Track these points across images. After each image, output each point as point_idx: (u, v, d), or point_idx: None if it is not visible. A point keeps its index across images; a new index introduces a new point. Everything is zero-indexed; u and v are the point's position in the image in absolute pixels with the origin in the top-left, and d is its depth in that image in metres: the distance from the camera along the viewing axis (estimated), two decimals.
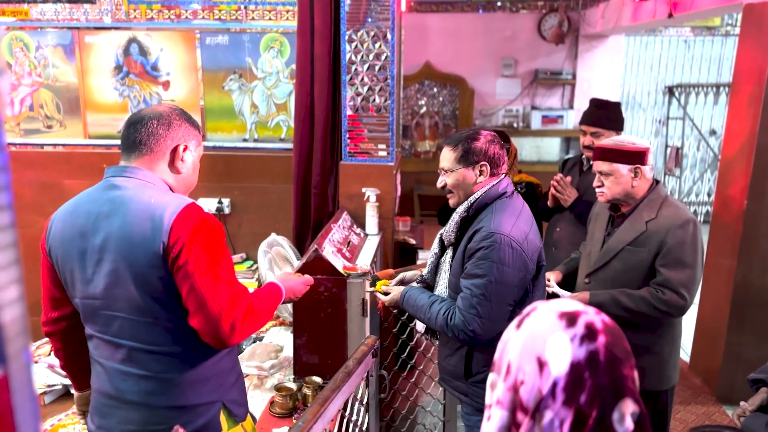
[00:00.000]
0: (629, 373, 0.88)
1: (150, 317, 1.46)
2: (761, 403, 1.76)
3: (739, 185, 3.44)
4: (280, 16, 3.35)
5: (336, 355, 2.41)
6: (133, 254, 1.42)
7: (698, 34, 7.16)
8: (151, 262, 1.41)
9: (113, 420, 1.51)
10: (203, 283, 1.41)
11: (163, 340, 1.47)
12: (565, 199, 2.79)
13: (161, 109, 1.55)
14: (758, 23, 3.30)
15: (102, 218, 1.45)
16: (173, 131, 1.54)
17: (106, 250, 1.44)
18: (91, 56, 3.51)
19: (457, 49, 7.16)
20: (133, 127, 1.53)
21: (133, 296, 1.44)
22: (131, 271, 1.42)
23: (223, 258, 1.48)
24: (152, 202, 1.44)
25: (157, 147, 1.52)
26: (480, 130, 1.95)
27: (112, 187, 1.49)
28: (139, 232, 1.41)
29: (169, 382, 1.49)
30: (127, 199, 1.45)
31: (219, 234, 1.49)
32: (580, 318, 0.90)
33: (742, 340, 3.52)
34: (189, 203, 1.46)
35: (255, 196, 3.55)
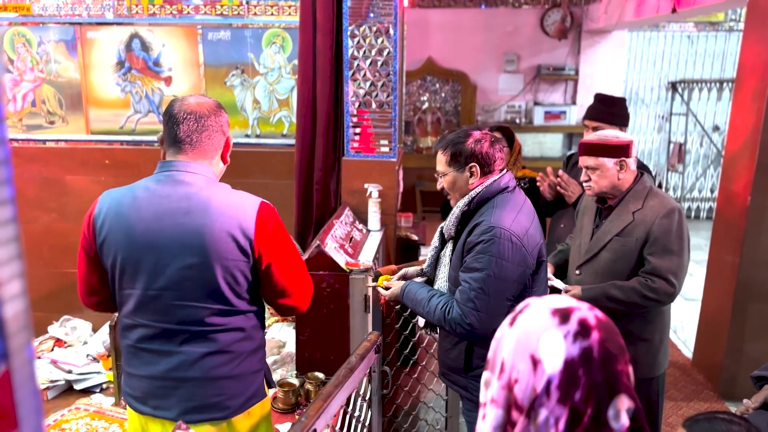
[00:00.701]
0: (624, 368, 0.88)
1: (225, 305, 1.56)
2: (764, 400, 1.76)
3: (742, 181, 3.43)
4: (282, 12, 3.34)
5: (338, 351, 2.41)
6: (221, 248, 1.50)
7: (701, 29, 7.13)
8: (236, 255, 1.52)
9: (173, 399, 1.59)
10: (289, 273, 1.62)
11: (228, 322, 1.59)
12: (570, 195, 2.80)
13: (208, 103, 1.60)
14: (763, 18, 3.29)
15: (181, 215, 1.51)
16: (222, 125, 1.61)
17: (187, 245, 1.50)
18: (93, 52, 3.50)
19: (459, 45, 7.14)
20: (186, 121, 1.56)
21: (212, 286, 1.53)
22: (219, 264, 1.51)
23: (293, 246, 1.67)
24: (231, 201, 1.54)
25: (210, 142, 1.58)
26: (470, 131, 1.94)
27: (181, 183, 1.54)
28: (226, 229, 1.50)
29: (231, 354, 1.60)
30: (204, 197, 1.52)
31: (283, 226, 1.65)
32: (573, 314, 0.89)
33: (745, 337, 3.51)
34: (262, 201, 1.59)
35: (257, 192, 3.49)
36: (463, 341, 1.95)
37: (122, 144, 3.61)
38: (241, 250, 1.52)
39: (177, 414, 1.58)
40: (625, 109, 2.82)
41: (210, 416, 1.59)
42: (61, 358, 3.24)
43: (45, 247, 3.72)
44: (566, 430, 0.84)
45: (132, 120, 3.59)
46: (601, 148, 2.21)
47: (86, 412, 2.75)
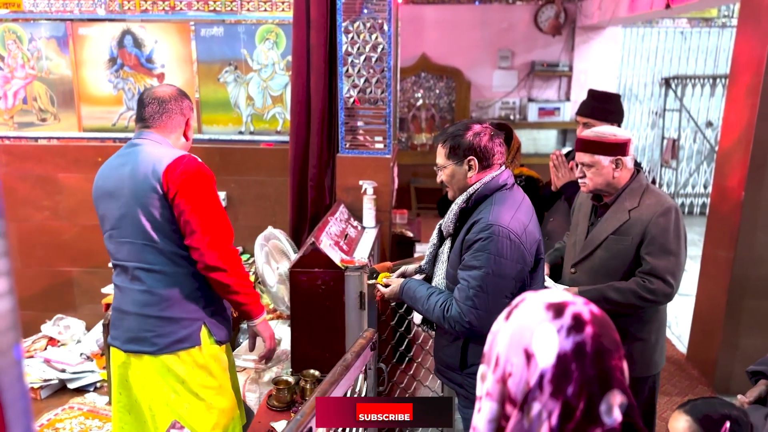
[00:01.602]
0: (617, 363, 0.88)
1: (149, 241, 1.87)
2: (759, 395, 1.76)
3: (736, 176, 3.44)
4: (275, 8, 3.32)
5: (334, 348, 2.40)
6: (139, 191, 1.85)
7: (695, 25, 7.15)
8: (152, 197, 1.84)
9: (120, 330, 1.95)
10: (197, 215, 1.85)
11: (158, 261, 1.89)
12: (559, 177, 2.79)
13: (171, 90, 1.99)
14: (756, 13, 3.29)
15: (120, 166, 1.92)
16: (183, 108, 2.00)
17: (121, 189, 1.88)
18: (84, 48, 3.48)
19: (453, 41, 7.12)
20: (155, 104, 1.95)
21: (137, 224, 1.86)
22: (138, 203, 1.85)
23: (215, 196, 1.92)
24: (155, 153, 1.88)
25: (169, 120, 1.97)
26: (470, 124, 1.93)
27: (131, 145, 1.95)
28: (143, 174, 1.84)
29: (159, 296, 1.89)
30: (138, 154, 1.89)
31: (209, 179, 1.91)
32: (568, 309, 0.89)
33: (739, 332, 3.52)
34: (185, 154, 1.90)
35: (251, 189, 3.53)
36: (460, 338, 1.95)
37: (115, 141, 3.58)
38: (155, 191, 1.83)
39: (121, 342, 1.94)
40: (619, 106, 2.80)
41: (141, 348, 1.91)
42: (54, 357, 3.22)
43: (38, 246, 3.69)
44: (558, 424, 0.84)
45: (125, 117, 3.57)
46: (597, 146, 2.19)
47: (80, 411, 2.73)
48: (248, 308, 2.03)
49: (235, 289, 1.95)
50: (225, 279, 1.91)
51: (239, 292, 1.97)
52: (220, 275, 1.90)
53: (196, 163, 1.89)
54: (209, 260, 1.87)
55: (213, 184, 1.93)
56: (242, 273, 1.97)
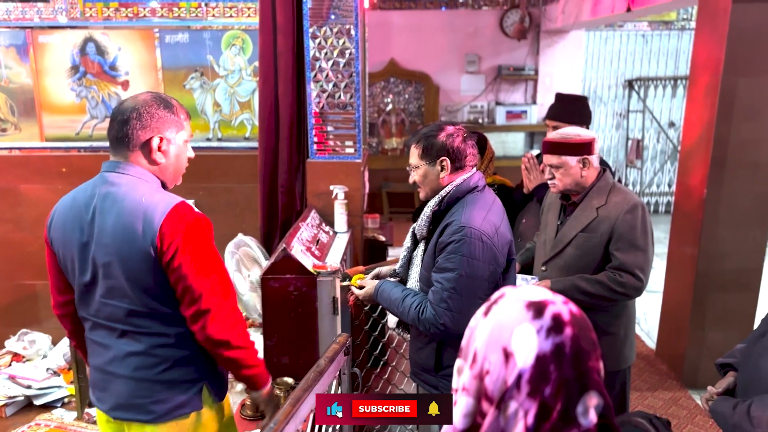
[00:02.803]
0: (595, 365, 0.88)
1: (139, 306, 1.57)
2: (728, 386, 1.80)
3: (698, 175, 3.53)
4: (241, 13, 3.30)
5: (307, 354, 2.38)
6: (125, 252, 1.53)
7: (655, 28, 7.32)
8: (142, 259, 1.52)
9: (107, 393, 1.65)
10: (197, 282, 1.54)
11: (153, 324, 1.60)
12: (530, 180, 2.83)
13: (137, 101, 1.60)
14: (713, 16, 3.39)
15: (98, 213, 1.56)
16: (146, 124, 1.58)
17: (100, 245, 1.55)
18: (45, 56, 3.40)
19: (421, 46, 7.17)
20: (115, 121, 1.59)
21: (124, 287, 1.56)
22: (123, 266, 1.53)
23: (214, 256, 1.61)
24: (143, 201, 1.54)
25: (136, 141, 1.58)
26: (444, 125, 1.95)
27: (107, 182, 1.58)
28: (131, 230, 1.52)
29: (157, 357, 1.61)
30: (120, 197, 1.55)
31: (207, 232, 1.59)
32: (548, 309, 0.89)
33: (706, 326, 3.61)
34: (178, 202, 1.55)
35: (220, 196, 3.49)
36: (435, 341, 1.96)
37: (79, 150, 3.51)
38: (146, 252, 1.51)
39: (108, 408, 1.65)
40: (586, 108, 2.86)
41: (135, 417, 1.62)
42: (19, 373, 3.13)
43: (0, 259, 3.59)
44: (535, 423, 0.84)
45: (89, 126, 3.50)
46: (563, 147, 2.24)
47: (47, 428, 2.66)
48: (255, 379, 1.73)
49: (244, 364, 1.67)
50: (234, 354, 1.63)
51: (249, 365, 1.68)
52: (229, 351, 1.62)
53: (194, 213, 1.57)
54: (215, 333, 1.58)
55: (212, 236, 1.62)
56: (250, 343, 1.68)
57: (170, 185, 1.69)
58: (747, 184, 3.43)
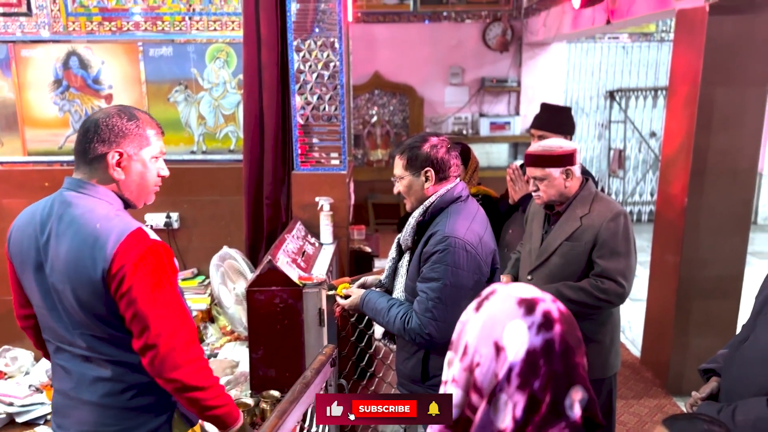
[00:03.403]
0: (580, 360, 0.92)
1: (100, 333, 1.49)
2: (711, 391, 1.81)
3: (679, 183, 3.58)
4: (225, 27, 3.31)
5: (294, 367, 2.37)
6: (77, 281, 1.44)
7: (635, 40, 7.44)
8: (93, 289, 1.44)
9: (70, 420, 1.55)
10: (147, 311, 1.43)
11: (116, 352, 1.51)
12: (516, 191, 2.85)
13: (99, 115, 1.52)
14: (690, 27, 3.46)
15: (53, 236, 1.47)
16: (105, 137, 1.49)
17: (54, 270, 1.47)
18: (28, 70, 3.38)
19: (405, 59, 7.23)
20: (80, 135, 1.52)
21: (79, 315, 1.48)
22: (75, 295, 1.45)
23: (169, 286, 1.48)
24: (98, 228, 1.44)
25: (93, 155, 1.50)
26: (428, 136, 1.98)
27: (65, 202, 1.50)
28: (82, 259, 1.43)
29: (125, 384, 1.52)
30: (76, 222, 1.46)
31: (163, 260, 1.48)
32: (539, 306, 0.92)
33: (689, 333, 3.64)
34: (133, 230, 1.45)
35: (205, 209, 3.48)
36: (421, 350, 1.96)
37: (63, 165, 3.48)
38: (96, 282, 1.43)
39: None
40: (570, 118, 2.90)
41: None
42: (1, 390, 3.08)
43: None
44: (523, 416, 0.87)
45: (72, 139, 3.48)
46: (547, 159, 2.27)
47: None
48: (221, 419, 1.57)
49: (205, 405, 1.51)
50: (191, 395, 1.49)
51: (211, 406, 1.52)
52: (186, 392, 1.48)
53: (149, 240, 1.46)
54: (164, 371, 1.45)
55: (170, 265, 1.51)
56: (210, 382, 1.52)
57: (137, 204, 1.59)
58: (726, 192, 3.49)
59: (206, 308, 3.19)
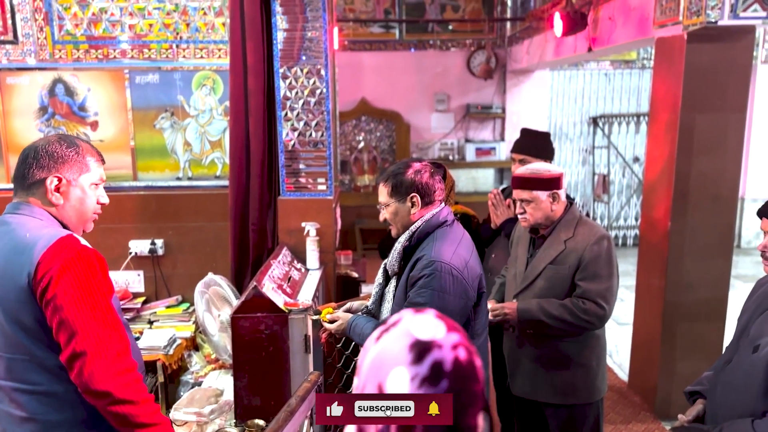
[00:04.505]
0: (473, 421, 0.83)
1: (25, 354, 1.44)
2: (698, 414, 1.82)
3: (662, 208, 3.62)
4: (212, 54, 3.34)
5: (279, 395, 2.34)
6: (4, 290, 1.42)
7: (617, 67, 7.58)
8: (19, 297, 1.41)
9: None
10: (73, 317, 1.39)
11: (42, 379, 1.45)
12: (497, 215, 2.88)
13: (39, 142, 1.54)
14: (669, 55, 3.53)
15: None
16: (43, 164, 1.51)
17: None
18: (13, 98, 3.37)
19: (391, 86, 7.32)
20: (19, 162, 1.54)
21: (6, 333, 1.44)
22: (2, 307, 1.43)
23: (98, 293, 1.44)
24: (27, 237, 1.44)
25: (32, 180, 1.52)
26: (411, 162, 1.99)
27: (2, 223, 1.51)
28: (9, 268, 1.42)
29: (50, 424, 1.46)
30: (6, 236, 1.46)
31: (95, 267, 1.45)
32: (430, 355, 0.83)
33: (676, 356, 3.65)
34: (63, 236, 1.44)
35: (190, 235, 3.45)
36: None
37: None
38: (22, 288, 1.39)
39: None
40: (549, 143, 2.94)
41: None
42: None
43: None
44: None
45: None
46: (534, 182, 2.30)
47: None
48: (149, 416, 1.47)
49: (135, 422, 1.42)
50: (120, 409, 1.40)
51: (141, 423, 1.43)
52: (114, 406, 1.40)
53: (78, 245, 1.44)
54: (92, 382, 1.37)
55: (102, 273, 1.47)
56: (143, 397, 1.45)
57: (76, 231, 1.57)
58: (709, 215, 3.53)
59: (191, 336, 3.15)
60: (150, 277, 3.42)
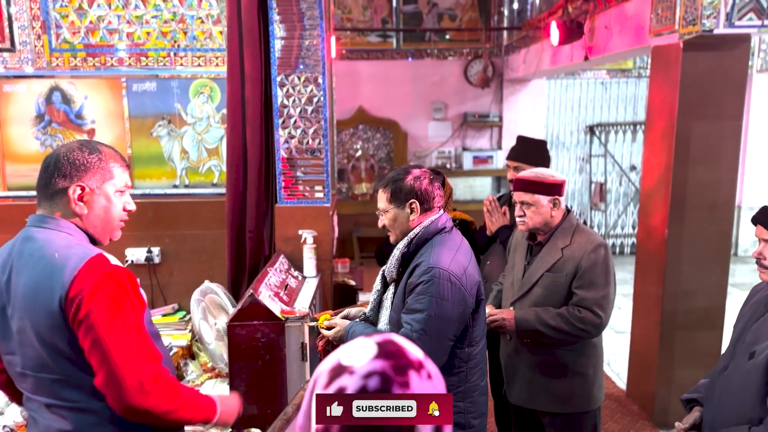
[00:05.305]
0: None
1: (60, 375, 1.41)
2: (695, 421, 1.81)
3: (659, 215, 3.62)
4: (209, 62, 3.34)
5: (276, 403, 2.33)
6: (35, 313, 1.38)
7: (614, 76, 7.62)
8: (52, 322, 1.37)
9: None
10: (107, 337, 1.35)
11: (79, 397, 1.43)
12: (493, 222, 2.88)
13: (60, 150, 1.48)
14: (665, 63, 3.55)
15: (14, 274, 1.42)
16: (65, 171, 1.45)
17: (15, 308, 1.41)
18: (10, 106, 3.37)
19: (389, 95, 7.34)
20: (41, 171, 1.49)
21: (40, 355, 1.40)
22: (35, 330, 1.38)
23: (131, 312, 1.40)
24: (56, 257, 1.38)
25: (54, 190, 1.46)
26: (410, 169, 1.99)
27: (28, 239, 1.45)
28: (40, 290, 1.37)
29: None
30: (35, 255, 1.41)
31: (126, 286, 1.41)
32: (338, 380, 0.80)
33: (674, 364, 3.64)
34: (93, 256, 1.39)
35: (187, 243, 3.45)
36: None
37: None
38: (54, 312, 1.36)
39: None
40: (545, 151, 2.95)
41: None
42: None
43: None
44: None
45: None
46: (537, 185, 2.30)
47: None
48: (203, 421, 1.55)
49: (186, 419, 1.47)
50: (172, 417, 1.42)
51: (191, 419, 1.48)
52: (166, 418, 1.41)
53: (109, 265, 1.40)
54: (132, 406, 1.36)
55: (134, 292, 1.44)
56: (185, 394, 1.46)
57: (103, 240, 1.54)
58: (706, 223, 3.53)
59: (187, 344, 3.13)
60: (146, 286, 3.41)
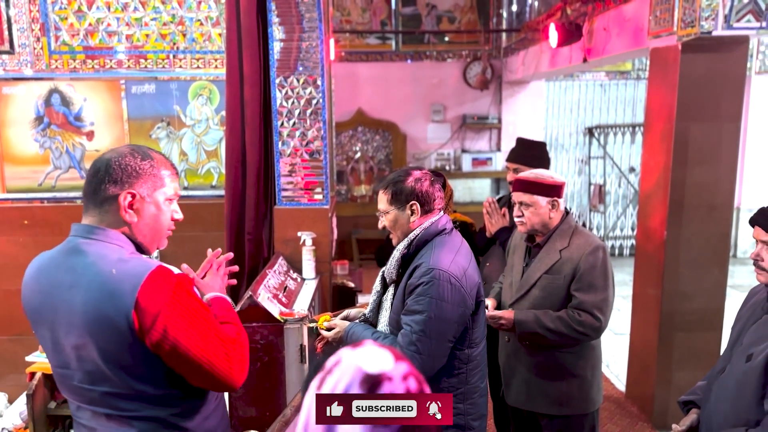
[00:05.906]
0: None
1: (124, 389, 1.38)
2: (692, 423, 1.81)
3: (658, 217, 3.62)
4: (208, 64, 3.35)
5: (274, 405, 2.33)
6: (100, 333, 1.33)
7: (612, 78, 7.63)
8: (118, 340, 1.33)
9: None
10: (192, 348, 1.35)
11: (141, 407, 1.41)
12: (492, 223, 2.88)
13: (112, 153, 1.43)
14: (664, 65, 3.55)
15: (65, 289, 1.36)
16: (116, 177, 1.40)
17: (71, 324, 1.35)
18: (9, 108, 3.38)
19: (388, 97, 7.34)
20: (89, 176, 1.43)
21: (101, 371, 1.37)
22: (97, 347, 1.34)
23: (204, 314, 1.40)
24: (113, 274, 1.34)
25: (104, 197, 1.41)
26: (411, 170, 1.99)
27: (75, 251, 1.39)
28: (102, 309, 1.32)
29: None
30: (89, 271, 1.35)
31: (192, 292, 1.40)
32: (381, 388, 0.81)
33: (673, 366, 3.64)
34: (153, 270, 1.35)
35: (185, 245, 3.43)
36: None
37: (42, 201, 3.45)
38: (121, 331, 1.32)
39: None
40: (545, 153, 2.95)
41: None
42: None
43: None
44: None
45: (52, 176, 3.45)
46: (536, 186, 2.30)
47: None
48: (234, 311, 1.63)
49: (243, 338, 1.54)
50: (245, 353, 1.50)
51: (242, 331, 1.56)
52: None
53: (174, 277, 1.37)
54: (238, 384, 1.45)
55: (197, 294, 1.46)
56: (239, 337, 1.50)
57: (150, 249, 1.50)
58: (704, 225, 3.54)
59: None
60: None
